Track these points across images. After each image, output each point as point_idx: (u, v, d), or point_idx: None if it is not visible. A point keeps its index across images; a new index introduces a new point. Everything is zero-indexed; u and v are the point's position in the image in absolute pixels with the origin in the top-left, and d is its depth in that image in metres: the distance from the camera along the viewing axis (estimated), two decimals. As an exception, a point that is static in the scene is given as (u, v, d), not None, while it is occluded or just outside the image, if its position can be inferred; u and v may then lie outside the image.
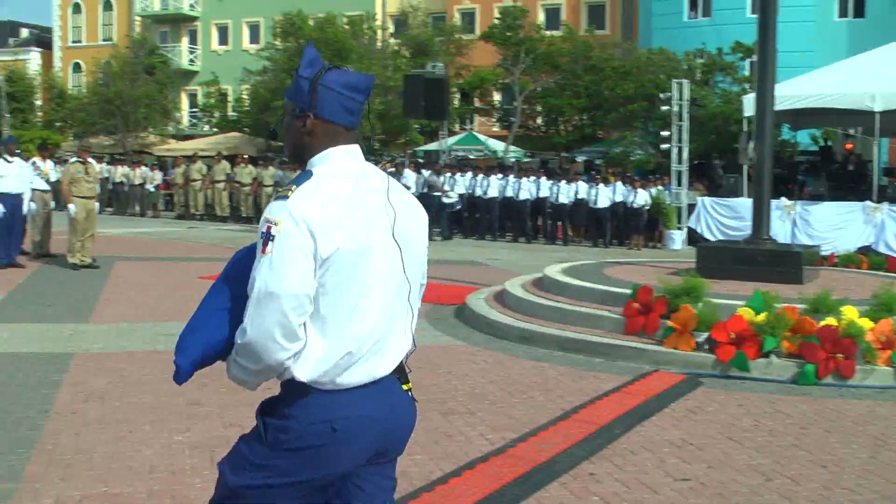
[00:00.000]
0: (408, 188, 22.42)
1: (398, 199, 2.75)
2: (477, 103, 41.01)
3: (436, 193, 23.55)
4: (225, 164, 29.12)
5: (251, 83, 38.52)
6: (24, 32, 63.72)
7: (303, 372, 2.58)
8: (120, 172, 31.58)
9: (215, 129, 41.90)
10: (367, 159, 2.83)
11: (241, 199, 28.65)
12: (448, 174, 24.76)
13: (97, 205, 15.46)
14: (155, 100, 41.43)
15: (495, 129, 40.26)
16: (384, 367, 2.68)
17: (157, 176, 31.50)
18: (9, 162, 15.14)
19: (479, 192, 24.37)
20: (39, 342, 8.98)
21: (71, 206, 14.75)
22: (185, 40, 52.59)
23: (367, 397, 2.64)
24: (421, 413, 6.44)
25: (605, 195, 22.99)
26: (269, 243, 2.53)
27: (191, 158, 31.05)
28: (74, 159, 15.70)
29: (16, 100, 44.79)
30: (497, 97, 41.18)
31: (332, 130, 2.71)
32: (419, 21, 40.63)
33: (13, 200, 15.02)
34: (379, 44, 39.37)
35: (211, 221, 28.42)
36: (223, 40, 51.53)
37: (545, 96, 36.02)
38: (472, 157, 33.62)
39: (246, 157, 29.84)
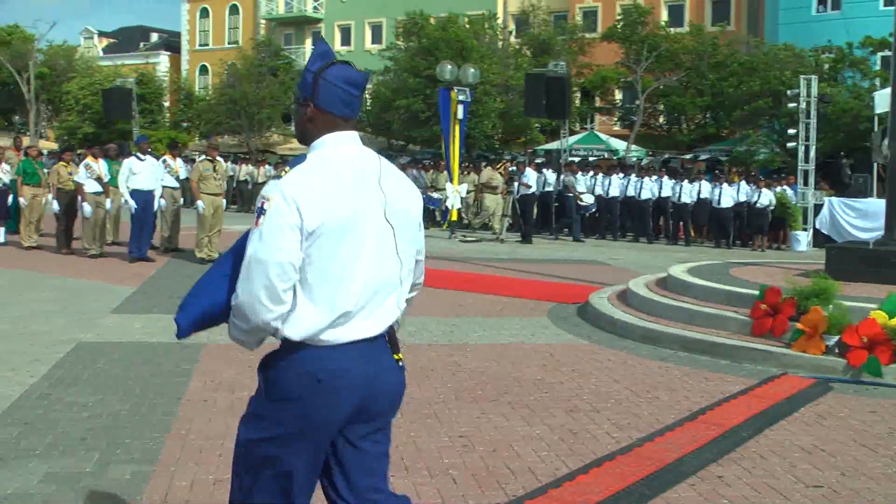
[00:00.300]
0: (528, 187, 22.58)
1: (391, 183, 3.00)
2: (598, 102, 40.68)
3: (571, 194, 23.28)
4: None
5: (373, 83, 38.99)
6: (154, 37, 65.86)
7: (294, 332, 2.86)
8: (244, 171, 32.35)
9: (344, 129, 42.55)
10: (487, 158, 2.93)
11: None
12: (583, 174, 24.41)
13: (224, 201, 15.85)
14: (279, 100, 42.30)
15: (616, 128, 39.89)
16: (369, 332, 2.91)
17: (282, 174, 32.15)
18: (141, 160, 15.67)
19: (599, 191, 24.15)
20: (169, 333, 9.18)
21: (199, 203, 15.18)
22: (308, 42, 53.54)
23: (351, 354, 2.88)
24: (546, 410, 6.46)
25: (728, 195, 22.51)
26: (262, 217, 2.84)
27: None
28: (203, 157, 16.16)
29: (145, 101, 46.29)
30: (618, 96, 40.77)
31: (330, 119, 2.99)
32: (540, 20, 40.49)
33: (145, 197, 15.55)
34: (500, 43, 39.37)
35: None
36: (346, 41, 52.26)
37: (667, 94, 35.49)
38: (592, 156, 33.34)
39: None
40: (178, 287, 12.53)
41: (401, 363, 3.08)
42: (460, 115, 22.65)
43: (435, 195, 25.11)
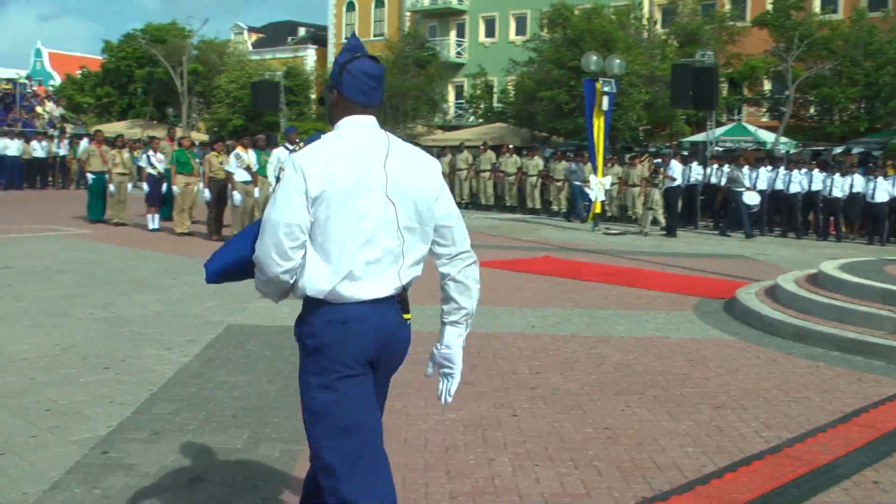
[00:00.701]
0: (673, 180, 22.16)
1: (398, 163, 3.29)
2: (746, 92, 39.57)
3: (738, 189, 22.58)
4: (490, 154, 29.62)
5: (517, 74, 38.94)
6: (302, 31, 67.38)
7: (311, 289, 3.23)
8: (389, 162, 32.78)
9: (481, 120, 42.65)
10: (632, 150, 2.94)
11: (505, 188, 29.08)
12: (747, 168, 23.73)
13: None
14: (424, 92, 42.71)
15: (765, 119, 38.70)
16: (377, 294, 3.24)
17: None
18: (290, 150, 16.09)
19: (747, 184, 23.50)
20: (319, 319, 9.47)
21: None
22: (452, 34, 53.89)
23: (365, 309, 3.24)
24: (692, 406, 6.36)
25: (883, 189, 21.56)
26: (279, 184, 3.25)
27: (457, 148, 31.77)
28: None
29: (293, 94, 47.37)
30: (767, 86, 39.57)
31: (350, 105, 3.37)
32: (689, 9, 39.66)
33: (293, 185, 15.93)
34: (645, 34, 38.77)
35: (476, 210, 29.02)
36: (490, 33, 52.39)
37: (818, 84, 34.25)
38: (739, 148, 32.47)
39: (511, 147, 30.20)
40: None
41: (409, 322, 3.46)
42: (605, 106, 22.42)
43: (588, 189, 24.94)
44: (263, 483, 4.79)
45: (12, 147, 33.10)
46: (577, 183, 25.29)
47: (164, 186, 19.06)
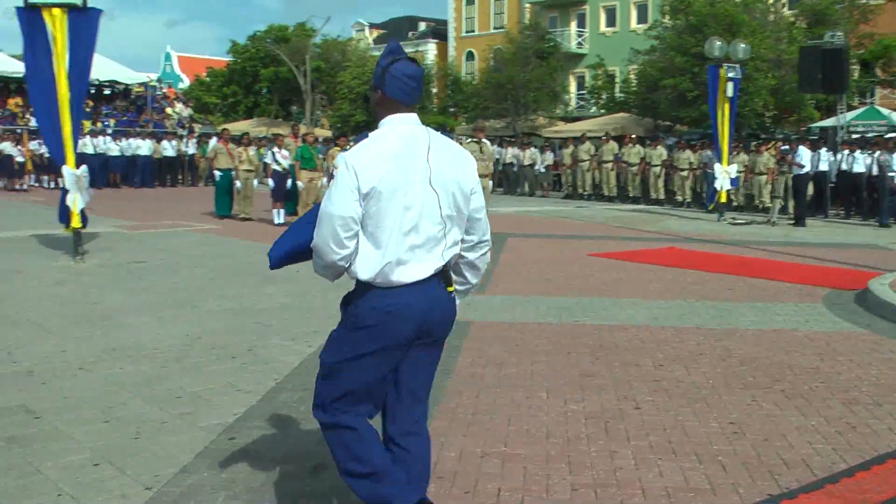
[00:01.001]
0: (801, 167, 21.48)
1: (439, 157, 3.64)
2: (879, 74, 38.06)
3: (891, 174, 21.67)
4: (613, 145, 29.33)
5: (638, 63, 38.35)
6: (422, 26, 67.81)
7: (361, 273, 3.59)
8: (510, 154, 32.78)
9: (602, 111, 42.21)
10: (758, 137, 2.86)
11: (628, 179, 28.74)
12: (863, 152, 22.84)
13: (490, 183, 16.11)
14: (545, 83, 42.49)
15: (900, 102, 37.19)
16: (420, 275, 3.59)
17: (548, 157, 32.34)
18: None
19: (876, 171, 22.59)
20: (440, 310, 9.51)
21: (468, 185, 15.48)
22: (573, 24, 53.47)
23: (409, 293, 3.59)
24: (821, 401, 6.17)
25: None
26: (332, 181, 3.60)
27: (579, 139, 31.55)
28: (469, 139, 16.48)
29: (415, 88, 47.73)
30: (902, 67, 37.97)
31: (393, 104, 3.68)
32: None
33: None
34: (771, 16, 37.66)
35: (598, 201, 28.76)
36: (611, 22, 51.79)
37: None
38: (872, 132, 31.27)
39: (634, 137, 29.83)
40: (446, 266, 12.87)
41: (452, 294, 3.78)
42: (730, 92, 21.86)
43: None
44: (385, 472, 4.83)
45: (144, 147, 34.34)
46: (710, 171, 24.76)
47: (289, 182, 19.46)
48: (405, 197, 3.53)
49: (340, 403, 3.74)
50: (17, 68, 35.92)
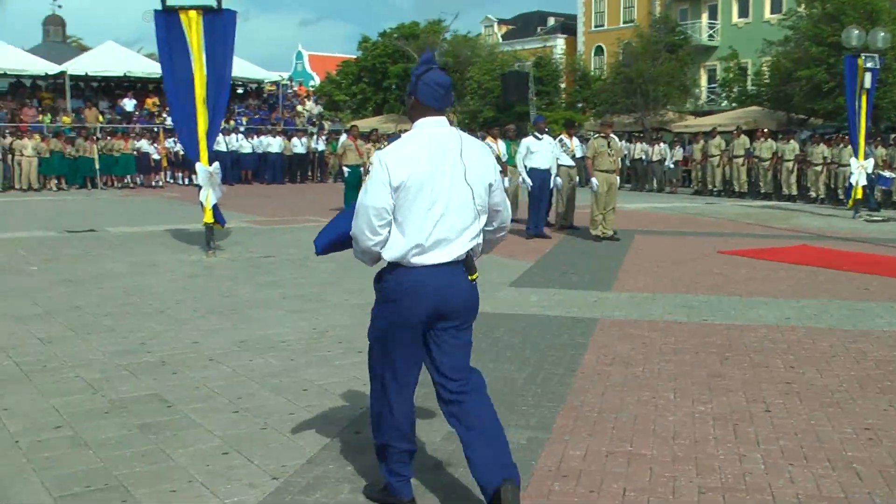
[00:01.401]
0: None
1: (471, 155, 4.11)
2: None
3: None
4: (744, 139, 28.62)
5: (772, 54, 37.30)
6: (551, 21, 67.44)
7: (389, 254, 4.06)
8: (639, 149, 32.34)
9: (734, 104, 41.21)
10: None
11: (759, 174, 28.01)
12: None
13: (618, 179, 15.92)
14: (675, 77, 41.76)
15: None
16: (441, 259, 4.04)
17: (677, 152, 31.77)
18: (538, 139, 16.14)
19: None
20: (565, 306, 9.47)
21: (593, 180, 15.35)
22: (704, 16, 52.35)
23: (429, 273, 4.04)
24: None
25: None
26: (368, 176, 4.16)
27: (709, 134, 30.90)
28: (597, 135, 16.32)
29: (542, 83, 47.56)
30: None
31: (425, 109, 4.15)
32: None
33: (541, 175, 16.02)
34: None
35: (728, 197, 28.13)
36: (743, 13, 50.48)
37: None
38: None
39: (766, 131, 29.05)
40: (573, 263, 12.80)
41: (474, 281, 4.20)
42: (867, 84, 21.06)
43: (886, 173, 23.59)
44: (508, 469, 4.81)
45: (275, 144, 35.16)
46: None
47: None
48: (431, 192, 4.00)
49: (387, 372, 4.27)
50: (153, 69, 37.17)
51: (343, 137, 23.09)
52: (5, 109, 36.35)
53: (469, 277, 4.17)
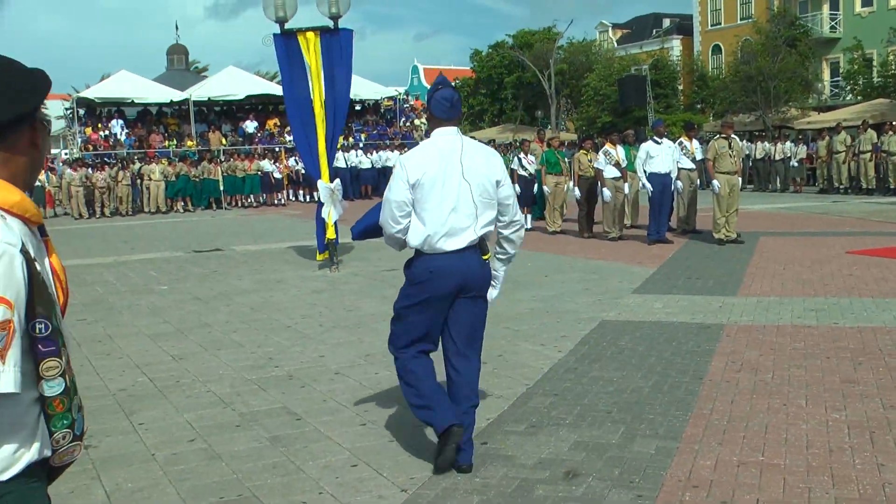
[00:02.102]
0: None
1: (469, 156, 4.97)
2: None
3: None
4: (871, 134, 27.66)
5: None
6: (666, 23, 66.50)
7: (413, 241, 4.97)
8: (760, 148, 31.60)
9: (859, 98, 39.94)
10: None
11: (888, 169, 27.04)
12: None
13: (740, 180, 15.59)
14: (795, 72, 40.70)
15: None
16: (457, 246, 4.92)
17: (801, 150, 30.95)
18: (658, 143, 15.95)
19: None
20: (690, 313, 9.33)
21: (715, 182, 15.08)
22: (825, 7, 50.81)
23: (448, 258, 4.93)
24: None
25: None
26: (392, 174, 5.06)
27: (834, 129, 29.98)
28: (718, 136, 16.03)
29: (659, 86, 47.00)
30: None
31: (437, 121, 5.05)
32: None
33: (662, 180, 15.81)
34: None
35: (855, 195, 27.23)
36: (867, 1, 48.84)
37: None
38: None
39: (895, 124, 28.02)
40: (697, 268, 12.59)
41: (486, 260, 5.14)
42: None
43: None
44: (639, 479, 4.76)
45: (393, 159, 35.58)
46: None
47: (535, 187, 19.60)
48: (443, 188, 4.88)
49: (404, 340, 5.12)
50: (273, 90, 38.09)
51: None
52: (134, 136, 37.78)
53: (483, 257, 5.10)
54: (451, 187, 4.88)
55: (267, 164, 33.91)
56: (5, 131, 2.11)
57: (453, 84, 5.39)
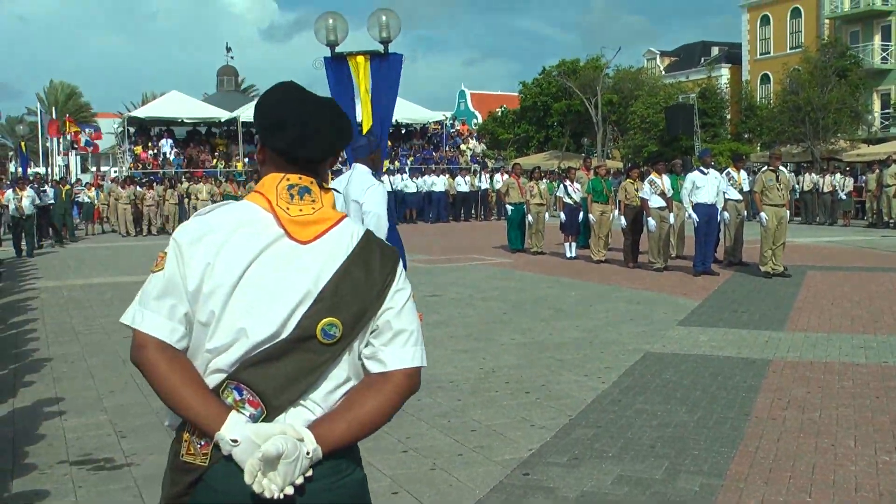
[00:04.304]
0: None
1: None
2: None
3: None
4: (922, 167, 27.30)
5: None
6: (715, 51, 66.24)
7: None
8: (808, 180, 31.31)
9: (911, 130, 39.52)
10: None
11: (940, 204, 26.65)
12: None
13: (787, 212, 15.45)
14: (845, 103, 40.33)
15: None
16: None
17: (849, 182, 30.60)
18: (704, 174, 15.84)
19: None
20: (736, 347, 9.23)
21: (762, 215, 14.95)
22: (877, 37, 50.34)
23: None
24: None
25: None
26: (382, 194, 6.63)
27: (884, 162, 29.61)
28: (766, 168, 15.90)
29: (707, 115, 46.78)
30: None
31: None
32: None
33: (708, 210, 15.69)
34: None
35: (906, 229, 26.86)
36: (920, 33, 48.30)
37: None
38: None
39: (947, 158, 27.64)
40: (743, 301, 12.47)
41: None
42: None
43: None
44: (681, 516, 4.71)
45: (439, 183, 35.75)
46: None
47: (581, 215, 19.55)
48: None
49: None
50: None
51: (500, 176, 23.25)
52: (183, 156, 38.25)
53: None
54: None
55: (312, 186, 34.16)
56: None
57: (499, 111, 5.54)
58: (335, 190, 2.44)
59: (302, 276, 2.14)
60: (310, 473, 2.06)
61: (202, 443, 2.10)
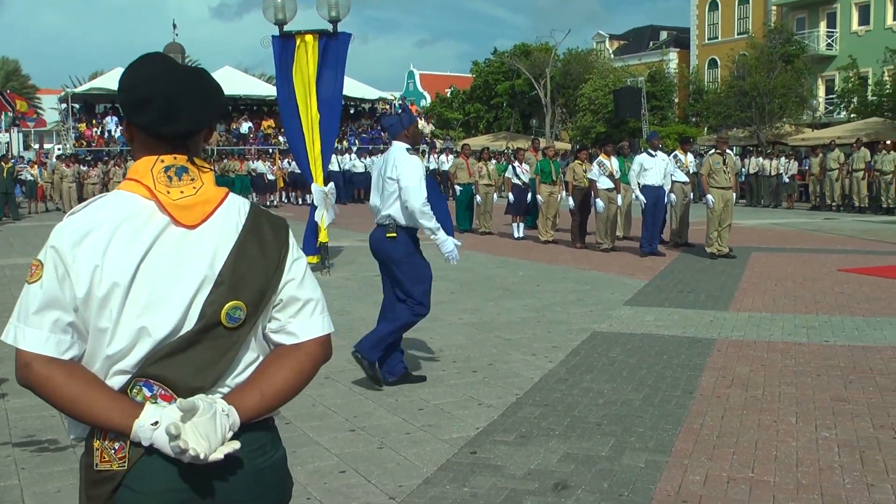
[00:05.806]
0: None
1: (389, 162, 7.07)
2: None
3: None
4: (865, 152, 27.77)
5: (894, 63, 36.14)
6: (663, 35, 66.69)
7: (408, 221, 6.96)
8: (754, 164, 31.69)
9: (853, 116, 40.07)
10: None
11: (881, 188, 27.13)
12: None
13: (734, 195, 15.61)
14: (791, 89, 40.84)
15: None
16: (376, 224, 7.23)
17: (793, 166, 31.03)
18: (652, 156, 15.97)
19: None
20: (682, 326, 9.33)
21: (709, 197, 15.10)
22: (822, 24, 50.98)
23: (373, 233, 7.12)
24: None
25: None
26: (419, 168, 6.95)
27: (827, 147, 30.09)
28: (712, 151, 16.06)
29: (655, 98, 47.12)
30: None
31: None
32: None
33: (655, 192, 15.82)
34: None
35: (847, 212, 27.31)
36: (864, 20, 48.92)
37: None
38: None
39: (888, 143, 28.13)
40: (689, 282, 12.60)
41: (388, 236, 6.93)
42: None
43: None
44: (628, 493, 4.74)
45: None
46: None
47: (529, 196, 19.61)
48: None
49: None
50: (268, 91, 38.08)
51: (453, 156, 23.22)
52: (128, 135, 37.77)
53: (388, 235, 6.98)
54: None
55: (260, 166, 33.88)
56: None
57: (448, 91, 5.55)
58: (212, 169, 2.39)
59: (196, 262, 2.05)
60: (238, 445, 1.98)
61: (116, 446, 1.99)
